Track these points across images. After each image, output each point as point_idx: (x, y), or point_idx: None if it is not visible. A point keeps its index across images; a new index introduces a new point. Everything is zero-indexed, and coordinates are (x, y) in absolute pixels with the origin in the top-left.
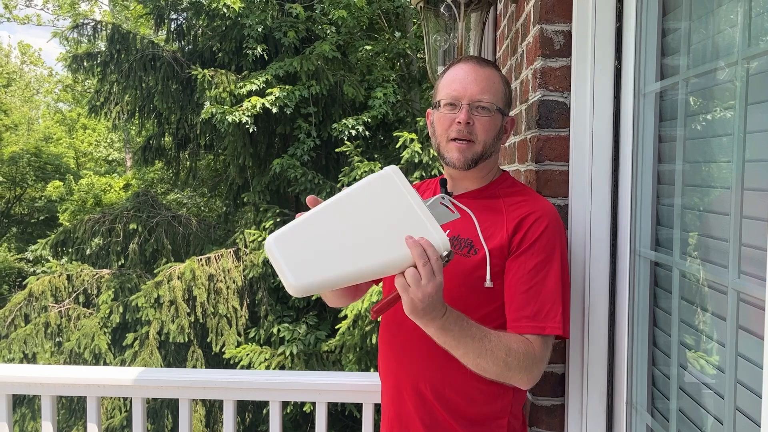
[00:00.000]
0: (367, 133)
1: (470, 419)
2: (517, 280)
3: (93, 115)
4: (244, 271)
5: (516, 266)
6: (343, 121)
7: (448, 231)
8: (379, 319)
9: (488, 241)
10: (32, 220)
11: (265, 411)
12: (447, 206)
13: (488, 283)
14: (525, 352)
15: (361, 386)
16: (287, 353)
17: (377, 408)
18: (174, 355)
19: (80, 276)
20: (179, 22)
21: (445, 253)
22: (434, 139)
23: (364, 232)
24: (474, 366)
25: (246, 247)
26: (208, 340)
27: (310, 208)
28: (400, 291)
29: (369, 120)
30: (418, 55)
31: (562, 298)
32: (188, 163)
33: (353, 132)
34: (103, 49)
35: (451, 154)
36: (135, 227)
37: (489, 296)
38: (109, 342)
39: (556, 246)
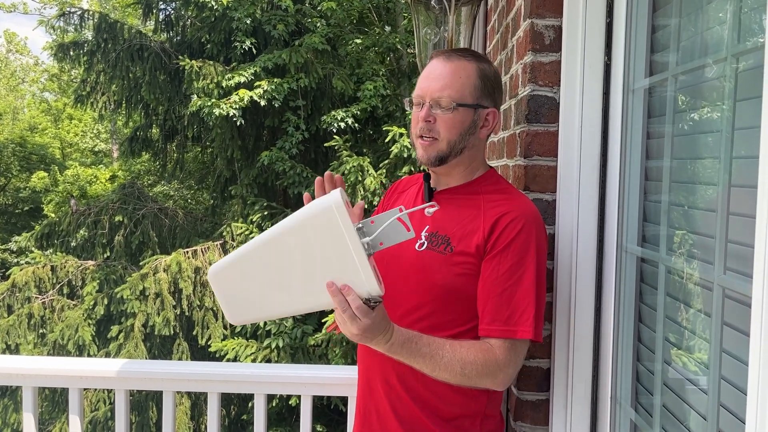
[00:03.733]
0: (356, 125)
1: (441, 416)
2: (490, 283)
3: (79, 105)
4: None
5: (490, 268)
6: (332, 112)
7: (427, 227)
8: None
9: (465, 239)
10: (16, 211)
11: (250, 404)
12: (404, 222)
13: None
14: (484, 362)
15: (346, 380)
16: (273, 347)
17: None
18: (159, 348)
19: (64, 267)
20: (168, 13)
21: (372, 300)
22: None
23: (299, 271)
24: (434, 377)
25: (233, 240)
26: (194, 332)
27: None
28: (337, 323)
29: (358, 112)
30: (408, 50)
31: (536, 302)
32: (175, 155)
33: (342, 124)
34: (90, 38)
35: (417, 152)
36: (121, 219)
37: (463, 296)
38: (94, 334)
39: (531, 248)
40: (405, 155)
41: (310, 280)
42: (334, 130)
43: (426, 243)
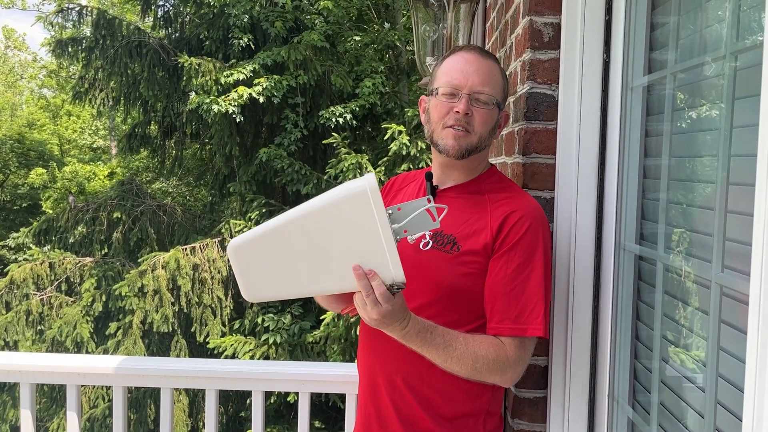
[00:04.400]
0: (354, 122)
1: (444, 416)
2: (498, 281)
3: (77, 101)
4: (229, 261)
5: (498, 267)
6: (331, 108)
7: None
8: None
9: (471, 238)
10: (14, 207)
11: (248, 400)
12: (431, 212)
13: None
14: (495, 358)
15: (344, 377)
16: (271, 343)
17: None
18: (158, 345)
19: (62, 264)
20: (166, 9)
21: (395, 286)
22: (428, 126)
23: (323, 252)
24: (444, 369)
25: (231, 237)
26: (192, 330)
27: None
28: (356, 306)
29: (357, 109)
30: (407, 47)
31: (544, 300)
32: (174, 151)
33: (340, 120)
34: (89, 34)
35: (446, 141)
36: (119, 216)
37: (470, 295)
38: (92, 331)
39: (538, 246)
40: (404, 153)
41: (335, 261)
42: (332, 126)
43: (431, 242)
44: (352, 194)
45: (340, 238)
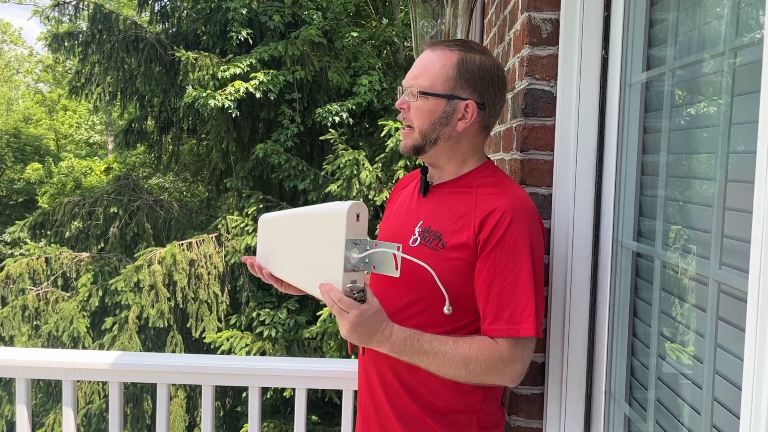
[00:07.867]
0: (350, 120)
1: (438, 411)
2: (489, 282)
3: (74, 96)
4: (225, 256)
5: (486, 267)
6: (327, 106)
7: (420, 222)
8: None
9: (456, 235)
10: (10, 202)
11: (244, 395)
12: (396, 260)
13: (446, 310)
14: (488, 359)
15: (340, 373)
16: (265, 336)
17: (357, 395)
18: (153, 340)
19: (59, 259)
20: (163, 4)
21: (354, 291)
22: None
23: (305, 251)
24: (438, 375)
25: (228, 232)
26: (188, 325)
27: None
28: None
29: (353, 107)
30: (405, 43)
31: (535, 298)
32: (171, 147)
33: (336, 119)
34: (85, 29)
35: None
36: (116, 211)
37: (455, 292)
38: (88, 326)
39: (524, 243)
40: (400, 149)
41: (309, 264)
42: (329, 124)
43: (419, 239)
44: (333, 211)
45: (316, 244)
